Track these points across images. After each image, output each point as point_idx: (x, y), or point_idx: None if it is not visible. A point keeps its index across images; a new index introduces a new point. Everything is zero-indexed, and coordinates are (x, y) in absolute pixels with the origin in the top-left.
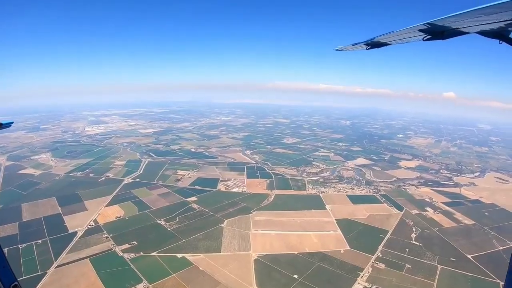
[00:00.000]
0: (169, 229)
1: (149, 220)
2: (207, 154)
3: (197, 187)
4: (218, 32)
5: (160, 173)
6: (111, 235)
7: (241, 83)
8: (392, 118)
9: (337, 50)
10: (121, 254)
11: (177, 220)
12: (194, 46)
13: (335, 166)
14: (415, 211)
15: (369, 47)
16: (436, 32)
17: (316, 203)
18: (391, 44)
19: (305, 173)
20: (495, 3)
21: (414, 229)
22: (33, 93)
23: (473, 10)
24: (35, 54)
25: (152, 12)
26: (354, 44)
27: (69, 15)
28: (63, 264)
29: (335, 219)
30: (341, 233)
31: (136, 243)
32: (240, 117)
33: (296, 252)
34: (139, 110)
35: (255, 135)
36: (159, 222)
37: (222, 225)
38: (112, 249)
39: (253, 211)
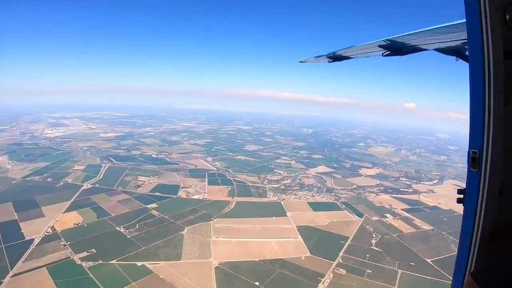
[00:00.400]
0: (128, 237)
1: (108, 227)
2: (168, 160)
3: (157, 193)
4: (182, 36)
5: (120, 179)
6: (69, 242)
7: (205, 89)
8: (354, 127)
9: (301, 62)
10: (80, 263)
11: (137, 227)
12: (157, 48)
13: (297, 174)
14: (375, 218)
15: (331, 60)
16: (395, 48)
17: (277, 210)
18: (352, 58)
19: (266, 181)
20: (451, 23)
21: (374, 235)
22: None
23: (431, 29)
24: None
25: (113, 9)
26: (317, 57)
27: (25, 12)
28: (19, 273)
29: (296, 226)
30: (302, 240)
31: (94, 251)
32: (203, 123)
33: (257, 259)
34: (100, 113)
35: (217, 142)
36: (118, 229)
37: (182, 232)
38: (70, 257)
39: (214, 218)
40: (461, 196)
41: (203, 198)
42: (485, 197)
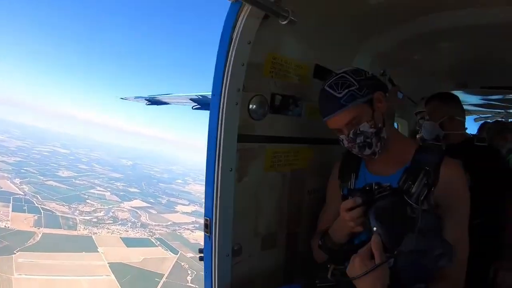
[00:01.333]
0: None
1: None
2: None
3: None
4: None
5: None
6: None
7: (21, 100)
8: (174, 163)
9: (122, 99)
10: None
11: None
12: None
13: (110, 206)
14: (190, 254)
15: (149, 103)
16: (205, 104)
17: (87, 245)
18: (170, 104)
19: (77, 211)
20: None
21: (189, 272)
22: None
23: None
24: None
25: None
26: (136, 97)
27: None
28: None
29: (108, 263)
30: (115, 278)
31: None
32: (16, 138)
33: None
34: None
35: (28, 162)
36: None
37: None
38: None
39: (17, 252)
40: (202, 254)
41: (5, 226)
42: (217, 257)
